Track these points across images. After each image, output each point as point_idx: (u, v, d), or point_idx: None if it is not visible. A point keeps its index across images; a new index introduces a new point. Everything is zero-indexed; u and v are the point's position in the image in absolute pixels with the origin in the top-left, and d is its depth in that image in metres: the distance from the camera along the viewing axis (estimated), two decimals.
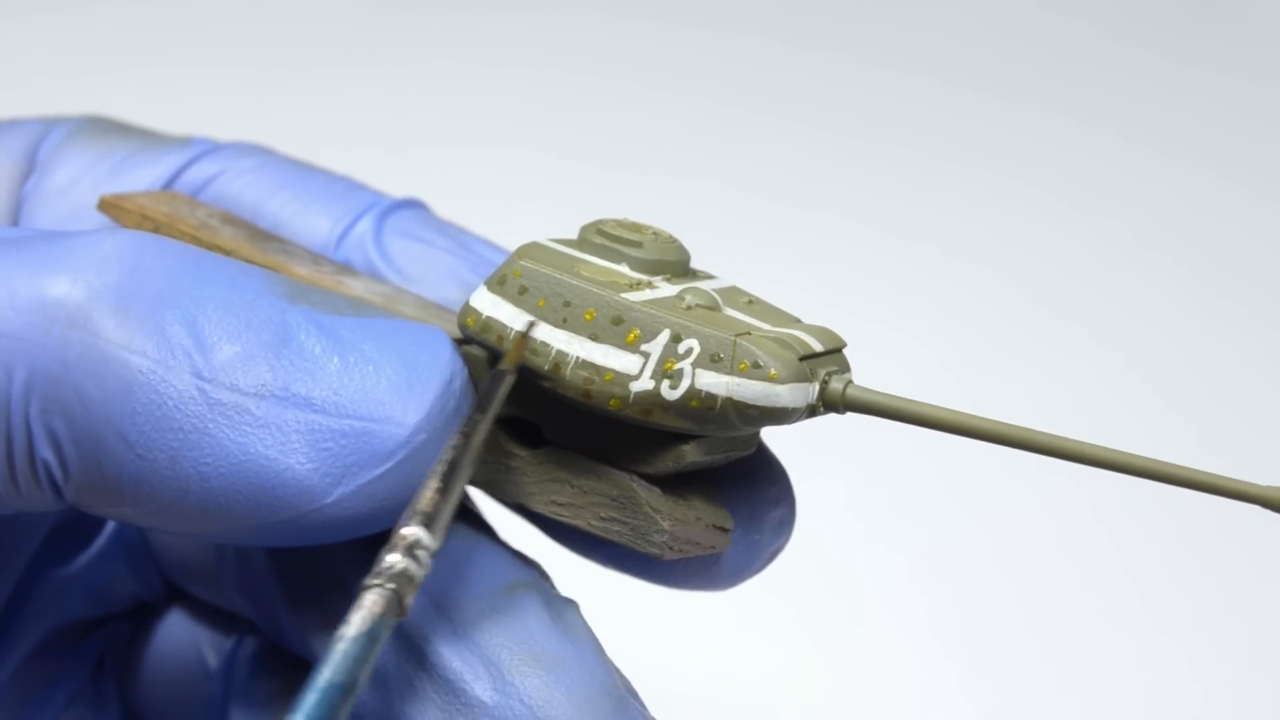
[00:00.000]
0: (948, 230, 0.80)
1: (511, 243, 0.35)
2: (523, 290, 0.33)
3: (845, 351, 0.33)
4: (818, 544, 0.64)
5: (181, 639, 0.41)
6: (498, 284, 0.33)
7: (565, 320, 0.32)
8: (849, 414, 0.32)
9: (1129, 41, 0.89)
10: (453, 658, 0.33)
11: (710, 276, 0.34)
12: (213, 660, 0.40)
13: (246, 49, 0.86)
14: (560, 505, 0.33)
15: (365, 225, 0.37)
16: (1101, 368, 0.73)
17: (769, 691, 0.61)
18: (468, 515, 0.35)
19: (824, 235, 0.79)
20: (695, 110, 0.85)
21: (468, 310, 0.33)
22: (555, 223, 0.77)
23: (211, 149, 0.38)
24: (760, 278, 0.76)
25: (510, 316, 0.33)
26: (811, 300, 0.76)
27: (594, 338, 0.32)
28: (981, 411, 0.73)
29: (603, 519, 0.33)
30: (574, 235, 0.34)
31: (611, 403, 0.32)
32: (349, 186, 0.38)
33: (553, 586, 0.34)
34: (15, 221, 0.38)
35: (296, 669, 0.38)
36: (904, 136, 0.84)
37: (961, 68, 0.88)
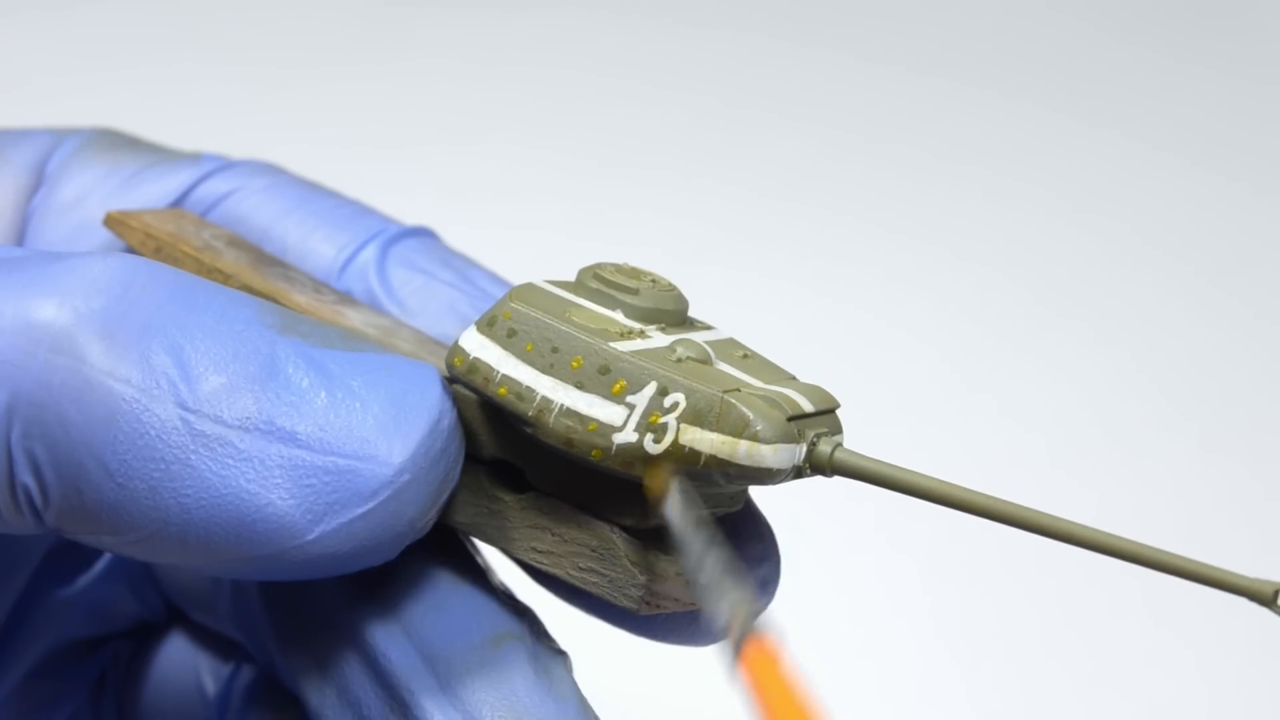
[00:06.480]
0: (951, 228, 0.79)
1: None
2: (511, 333, 0.32)
3: (839, 412, 0.32)
4: (828, 551, 0.64)
5: (181, 663, 0.40)
6: (487, 325, 0.32)
7: (552, 366, 0.32)
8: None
9: (1132, 40, 0.89)
10: (435, 712, 0.32)
11: (708, 327, 0.33)
12: (210, 687, 0.40)
13: (246, 48, 0.86)
14: (540, 552, 0.33)
15: (370, 254, 0.37)
16: (1105, 366, 0.73)
17: None
18: (460, 560, 0.34)
19: (827, 233, 0.79)
20: (696, 108, 0.84)
21: (456, 350, 0.33)
22: (554, 221, 0.77)
23: (223, 166, 0.38)
24: (762, 276, 0.76)
25: (498, 359, 0.32)
26: (814, 297, 0.76)
27: (580, 386, 0.31)
28: (984, 411, 0.72)
29: (581, 569, 0.32)
30: (572, 276, 0.34)
31: (593, 453, 0.31)
32: (358, 212, 0.37)
33: (543, 636, 0.34)
34: (21, 236, 0.38)
35: (292, 703, 0.38)
36: (907, 135, 0.84)
37: (965, 65, 0.87)
